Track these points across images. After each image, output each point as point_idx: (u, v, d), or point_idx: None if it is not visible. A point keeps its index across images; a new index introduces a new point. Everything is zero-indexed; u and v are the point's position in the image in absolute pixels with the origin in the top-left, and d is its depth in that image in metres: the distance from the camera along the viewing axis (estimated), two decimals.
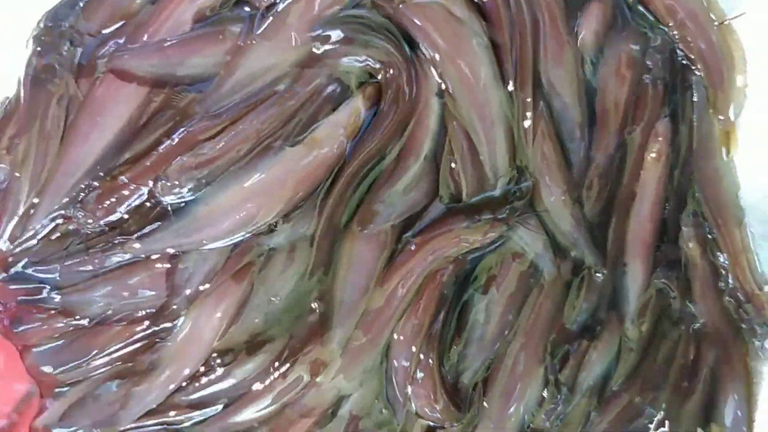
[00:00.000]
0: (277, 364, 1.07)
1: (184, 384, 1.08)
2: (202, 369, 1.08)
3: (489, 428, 1.12)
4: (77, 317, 1.08)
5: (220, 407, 1.09)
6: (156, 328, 1.08)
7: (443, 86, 1.08)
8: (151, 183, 1.05)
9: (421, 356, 1.09)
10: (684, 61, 1.16)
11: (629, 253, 1.16)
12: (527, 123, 1.10)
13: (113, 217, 1.06)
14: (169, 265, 1.06)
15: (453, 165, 1.10)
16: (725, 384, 1.19)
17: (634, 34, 1.15)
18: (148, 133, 1.06)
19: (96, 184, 1.06)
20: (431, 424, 1.11)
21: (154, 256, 1.07)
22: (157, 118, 1.07)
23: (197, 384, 1.08)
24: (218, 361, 1.08)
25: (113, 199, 1.05)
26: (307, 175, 1.05)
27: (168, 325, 1.07)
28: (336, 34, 1.06)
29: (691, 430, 1.19)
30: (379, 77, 1.08)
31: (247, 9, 1.07)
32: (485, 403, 1.12)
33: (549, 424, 1.14)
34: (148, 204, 1.06)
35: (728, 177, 1.17)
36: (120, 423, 1.08)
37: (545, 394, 1.13)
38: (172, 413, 1.09)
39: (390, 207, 1.07)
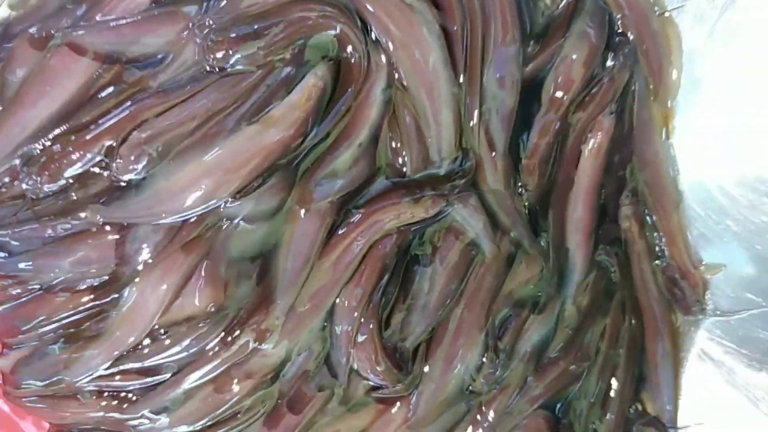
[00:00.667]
0: (223, 334, 1.11)
1: (132, 351, 1.11)
2: (149, 339, 1.11)
3: (430, 389, 1.18)
4: (27, 283, 1.10)
5: (168, 375, 1.13)
6: (104, 300, 1.10)
7: (395, 75, 1.10)
8: (95, 152, 1.06)
9: (362, 320, 1.13)
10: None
11: (569, 239, 1.20)
12: (475, 108, 1.13)
13: (57, 184, 1.07)
14: (118, 236, 1.08)
15: (395, 144, 1.13)
16: (654, 358, 1.26)
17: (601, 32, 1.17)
18: (96, 104, 1.07)
19: (40, 149, 1.07)
20: (373, 384, 1.17)
21: (107, 227, 1.08)
22: (107, 91, 1.08)
23: (145, 351, 1.11)
24: (162, 330, 1.11)
25: (58, 166, 1.06)
26: (263, 152, 1.06)
27: (115, 295, 1.09)
28: None
29: (625, 398, 1.26)
30: (345, 52, 1.09)
31: None
32: (427, 366, 1.18)
33: (487, 387, 1.19)
34: (92, 173, 1.07)
35: (667, 161, 1.21)
36: (63, 383, 1.12)
37: (485, 359, 1.18)
38: (120, 378, 1.13)
39: (326, 186, 1.10)
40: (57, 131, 1.07)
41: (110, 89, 1.08)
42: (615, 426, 1.25)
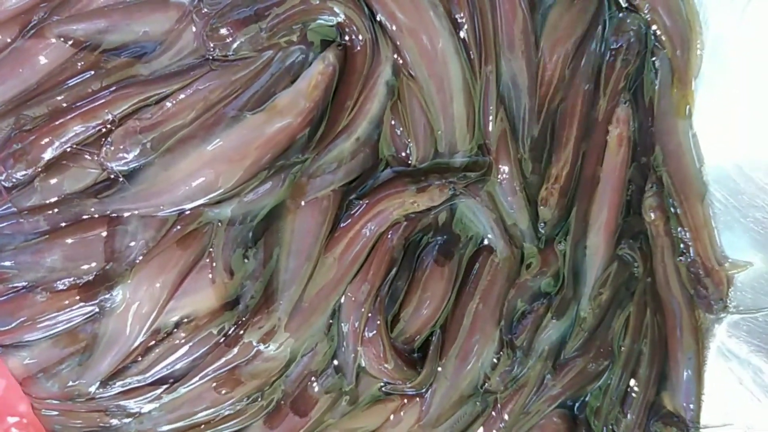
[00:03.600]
0: (225, 338, 1.08)
1: (133, 363, 1.07)
2: (146, 348, 1.08)
3: (444, 387, 1.15)
4: (9, 282, 1.04)
5: (169, 383, 1.09)
6: (92, 300, 1.05)
7: (401, 62, 1.06)
8: (72, 137, 1.02)
9: (369, 315, 1.10)
10: (655, 42, 1.15)
11: (591, 237, 1.17)
12: (493, 97, 1.09)
13: (31, 171, 1.02)
14: (107, 231, 1.04)
15: (399, 132, 1.09)
16: (676, 355, 1.22)
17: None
18: (71, 90, 1.03)
19: (11, 134, 1.02)
20: (383, 383, 1.14)
21: (94, 221, 1.04)
22: (87, 76, 1.04)
23: (147, 358, 1.08)
24: (161, 334, 1.08)
25: (32, 151, 1.01)
26: (268, 142, 1.03)
27: (105, 295, 1.04)
28: None
29: (648, 396, 1.23)
30: (346, 37, 1.06)
31: None
32: (441, 363, 1.15)
33: (503, 386, 1.17)
34: (80, 161, 1.03)
35: (691, 152, 1.18)
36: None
37: (500, 356, 1.15)
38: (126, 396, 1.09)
39: (321, 179, 1.06)
40: (28, 113, 1.03)
41: (90, 74, 1.04)
42: (635, 425, 1.23)
